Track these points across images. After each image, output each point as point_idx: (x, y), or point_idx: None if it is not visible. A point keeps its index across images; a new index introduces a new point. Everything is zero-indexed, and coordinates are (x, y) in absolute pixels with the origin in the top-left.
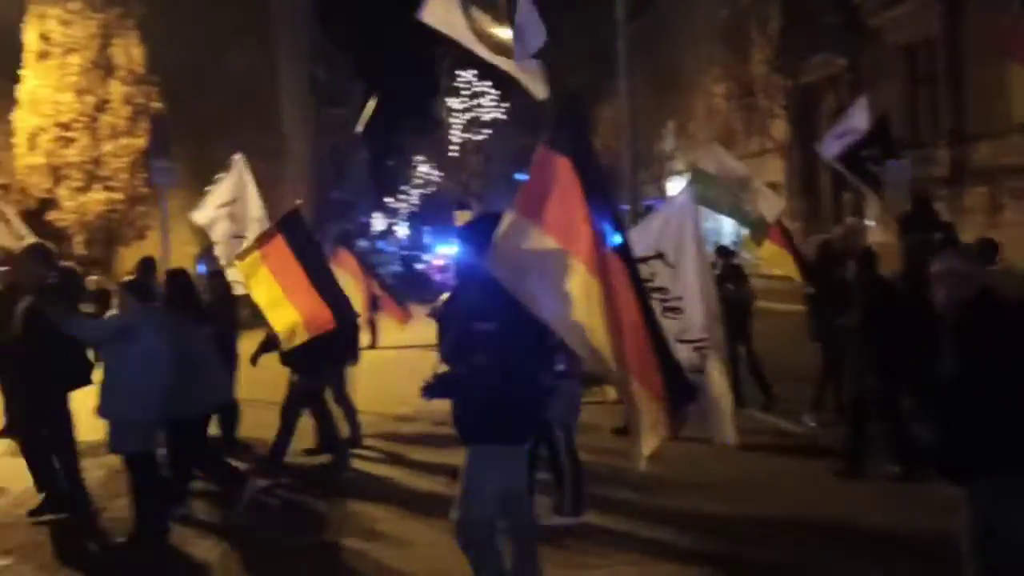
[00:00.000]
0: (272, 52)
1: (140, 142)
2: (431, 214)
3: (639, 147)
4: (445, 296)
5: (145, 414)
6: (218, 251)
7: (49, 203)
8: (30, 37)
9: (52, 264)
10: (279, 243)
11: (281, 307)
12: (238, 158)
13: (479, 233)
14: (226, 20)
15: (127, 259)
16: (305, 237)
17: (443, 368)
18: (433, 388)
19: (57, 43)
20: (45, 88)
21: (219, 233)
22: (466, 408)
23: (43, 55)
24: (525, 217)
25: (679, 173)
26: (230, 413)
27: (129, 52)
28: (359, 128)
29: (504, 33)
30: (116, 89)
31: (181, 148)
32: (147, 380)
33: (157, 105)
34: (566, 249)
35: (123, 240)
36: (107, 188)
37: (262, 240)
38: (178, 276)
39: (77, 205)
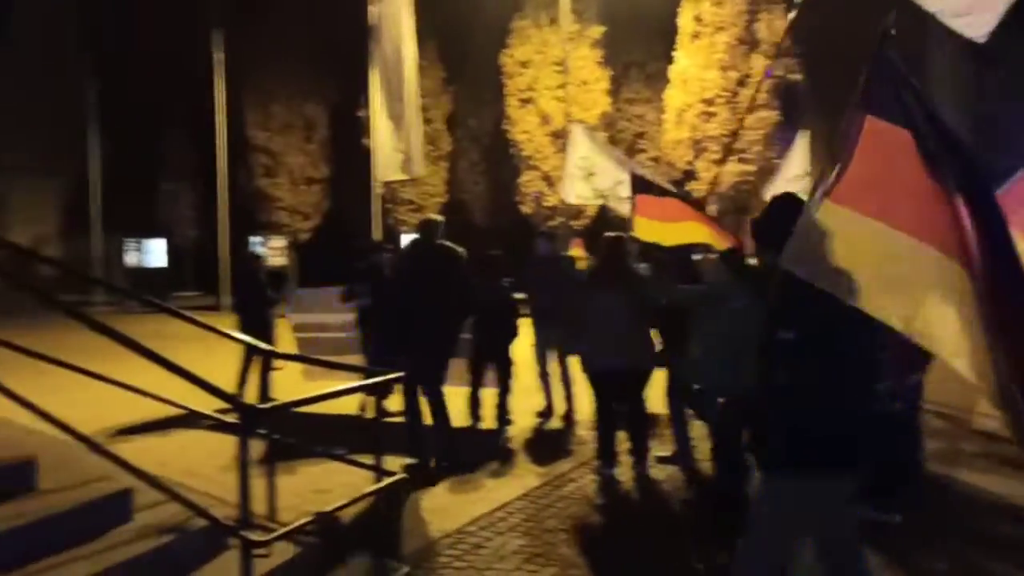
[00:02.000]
0: (916, 13)
1: (776, 115)
2: None
3: None
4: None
5: (734, 383)
6: None
7: (689, 174)
8: (684, 19)
9: None
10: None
11: None
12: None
13: (773, 223)
14: None
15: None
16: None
17: None
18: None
19: (708, 23)
20: (694, 67)
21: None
22: (764, 432)
23: (695, 36)
24: (835, 201)
25: None
26: None
27: (773, 26)
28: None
29: None
30: (758, 64)
31: (817, 120)
32: (735, 350)
33: (796, 77)
34: (900, 229)
35: (750, 211)
36: (741, 160)
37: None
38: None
39: (712, 176)
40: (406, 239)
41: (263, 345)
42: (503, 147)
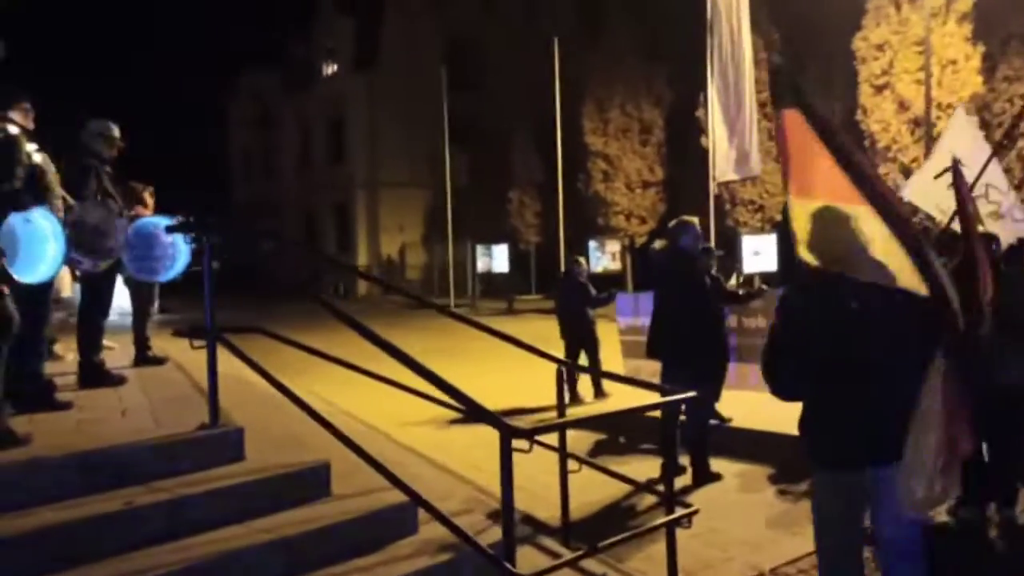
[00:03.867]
0: None
1: None
2: None
3: None
4: None
5: None
6: None
7: None
8: None
9: None
10: None
11: None
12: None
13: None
14: None
15: None
16: None
17: None
18: None
19: None
20: None
21: None
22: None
23: None
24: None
25: None
26: None
27: None
28: None
29: None
30: None
31: None
32: None
33: None
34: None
35: None
36: None
37: None
38: None
39: None
40: (747, 241)
41: (556, 355)
42: (855, 139)
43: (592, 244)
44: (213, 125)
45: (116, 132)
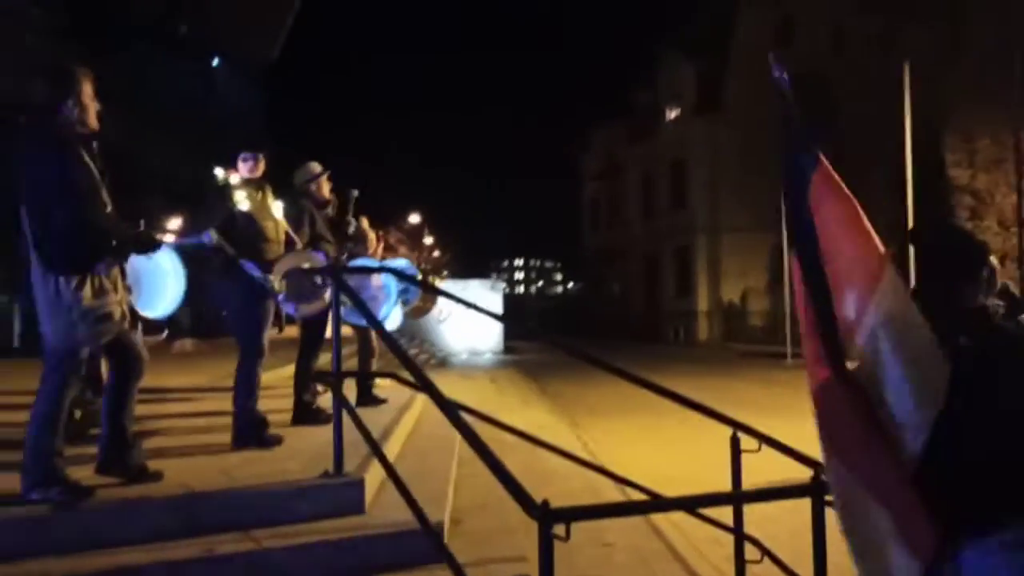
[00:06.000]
0: None
1: None
2: None
3: None
4: None
5: None
6: None
7: None
8: None
9: None
10: None
11: None
12: None
13: None
14: None
15: None
16: None
17: None
18: None
19: None
20: None
21: None
22: None
23: None
24: None
25: None
26: None
27: None
28: None
29: None
30: None
31: None
32: None
33: None
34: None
35: None
36: None
37: None
38: None
39: None
40: None
41: (735, 419)
42: None
43: None
44: (568, 178)
45: (318, 169)
